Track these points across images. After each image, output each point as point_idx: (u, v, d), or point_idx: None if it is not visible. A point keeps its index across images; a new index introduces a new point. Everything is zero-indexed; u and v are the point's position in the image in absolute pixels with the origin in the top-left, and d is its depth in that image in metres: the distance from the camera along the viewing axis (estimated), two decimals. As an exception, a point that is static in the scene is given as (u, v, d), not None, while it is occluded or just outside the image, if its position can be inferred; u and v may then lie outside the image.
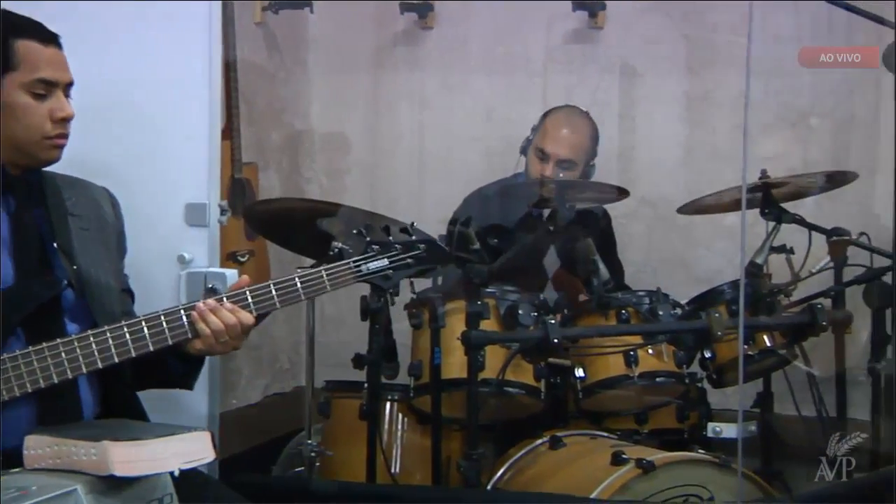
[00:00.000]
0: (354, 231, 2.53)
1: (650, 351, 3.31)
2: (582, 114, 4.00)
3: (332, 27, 4.68)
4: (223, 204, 3.01)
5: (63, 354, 2.25)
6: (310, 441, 3.31)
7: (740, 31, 4.04)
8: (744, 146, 3.01)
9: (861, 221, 3.80)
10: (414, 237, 2.55)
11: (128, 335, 2.29)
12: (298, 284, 2.41)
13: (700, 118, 4.46)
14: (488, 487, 3.17)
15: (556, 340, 3.07)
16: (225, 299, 2.37)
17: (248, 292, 2.39)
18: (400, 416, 3.45)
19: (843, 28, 4.08)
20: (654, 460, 2.85)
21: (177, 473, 2.12)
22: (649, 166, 4.53)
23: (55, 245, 2.42)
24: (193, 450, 2.17)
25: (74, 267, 2.42)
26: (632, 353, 3.27)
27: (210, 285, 2.93)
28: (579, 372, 3.31)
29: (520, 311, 3.24)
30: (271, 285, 2.39)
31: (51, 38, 2.40)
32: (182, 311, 2.35)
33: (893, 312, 3.47)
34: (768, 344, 3.46)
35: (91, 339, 2.27)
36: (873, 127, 4.08)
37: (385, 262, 2.49)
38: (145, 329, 2.30)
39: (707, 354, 3.44)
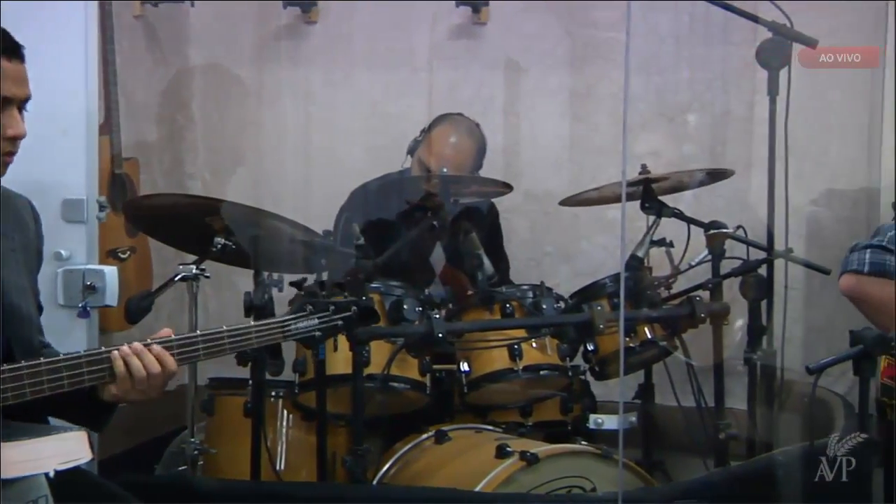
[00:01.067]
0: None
1: (534, 344, 3.35)
2: (470, 126, 3.99)
3: (214, 21, 4.61)
4: (102, 200, 2.96)
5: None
6: (193, 439, 3.27)
7: (621, 28, 4.12)
8: (623, 141, 3.05)
9: (738, 215, 3.89)
10: (347, 296, 2.53)
11: (44, 374, 2.17)
12: (226, 339, 2.36)
13: (583, 113, 4.51)
14: (374, 483, 3.17)
15: (440, 335, 3.09)
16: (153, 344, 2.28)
17: (174, 341, 2.31)
18: (285, 412, 3.43)
19: (721, 26, 4.18)
20: (538, 453, 2.89)
21: (52, 474, 2.07)
22: (534, 161, 4.57)
23: None
24: (71, 450, 2.12)
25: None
26: (516, 346, 3.29)
27: (89, 282, 2.88)
28: (464, 366, 3.33)
29: (405, 306, 3.24)
30: (199, 336, 2.34)
31: (14, 51, 2.28)
32: (103, 356, 2.24)
33: (768, 304, 3.56)
34: (649, 336, 3.52)
35: (6, 373, 2.15)
36: (748, 122, 4.16)
37: (315, 321, 2.48)
38: (63, 370, 2.19)
39: (590, 347, 3.48)
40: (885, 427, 2.69)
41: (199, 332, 2.35)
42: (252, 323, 2.42)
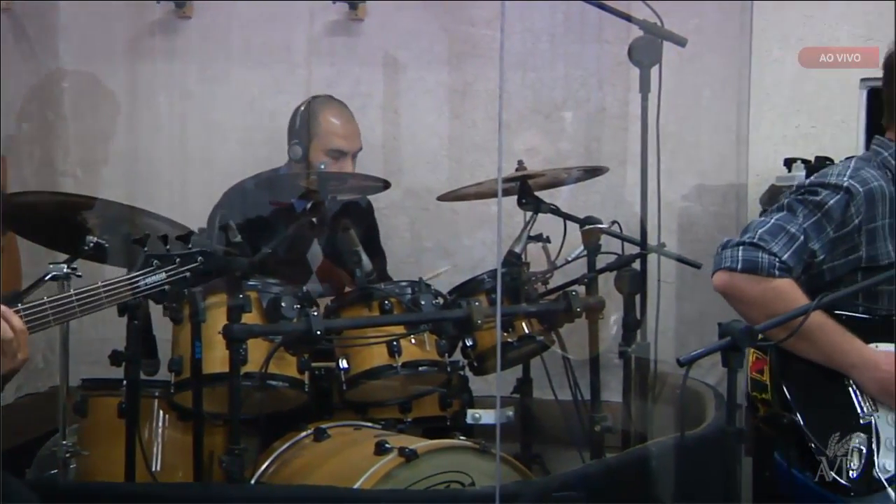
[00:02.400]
0: (133, 241, 2.47)
1: (412, 340, 3.34)
2: (340, 102, 4.04)
3: (85, 16, 4.51)
4: (-35, 198, 2.88)
5: None
6: (64, 442, 3.19)
7: (497, 25, 4.14)
8: (499, 138, 3.07)
9: (613, 210, 3.96)
10: (192, 247, 2.50)
11: None
12: (74, 301, 2.32)
13: (461, 110, 4.53)
14: (252, 482, 3.14)
15: (318, 332, 3.08)
16: None
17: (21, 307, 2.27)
18: (160, 412, 3.37)
19: (595, 24, 4.24)
20: (417, 448, 2.90)
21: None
22: (413, 158, 4.57)
23: None
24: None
25: None
26: (395, 343, 3.29)
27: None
28: (343, 363, 3.31)
29: (283, 304, 3.21)
30: (46, 301, 2.29)
31: None
32: None
33: (642, 298, 3.63)
34: (526, 331, 3.55)
35: None
36: (623, 119, 4.23)
37: (163, 275, 2.45)
38: None
39: (468, 342, 3.50)
40: (754, 419, 2.75)
41: (45, 297, 2.31)
42: (100, 282, 2.37)
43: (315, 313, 3.16)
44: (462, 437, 3.21)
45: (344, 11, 4.46)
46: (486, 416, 3.19)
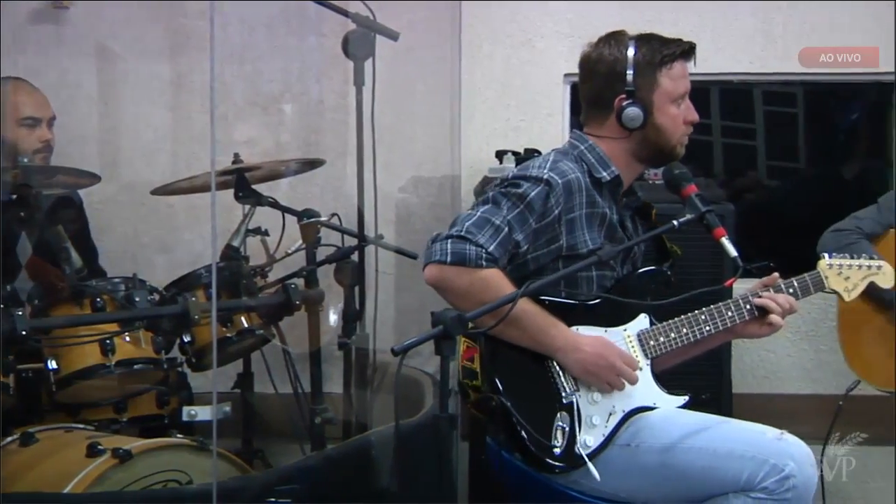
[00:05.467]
0: None
1: (127, 338, 3.26)
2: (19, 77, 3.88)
3: None
4: None
5: None
6: None
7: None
8: (211, 130, 3.04)
9: (333, 202, 3.98)
10: None
11: None
12: None
13: (176, 103, 4.43)
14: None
15: (24, 332, 2.95)
16: None
17: None
18: None
19: (312, 17, 4.23)
20: (131, 448, 2.83)
21: None
22: (130, 151, 4.44)
23: None
24: None
25: None
26: (108, 341, 3.20)
27: None
28: (52, 364, 3.19)
29: (-17, 304, 3.07)
30: None
31: None
32: None
33: (361, 289, 3.67)
34: (246, 325, 3.53)
35: None
36: (342, 112, 4.26)
37: None
38: None
39: (186, 339, 3.44)
40: (466, 405, 2.83)
41: None
42: None
43: (20, 312, 3.02)
44: (180, 436, 3.16)
45: (47, -2, 4.28)
46: (203, 413, 3.15)
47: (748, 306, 2.86)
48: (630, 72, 2.85)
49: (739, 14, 4.27)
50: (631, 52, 2.86)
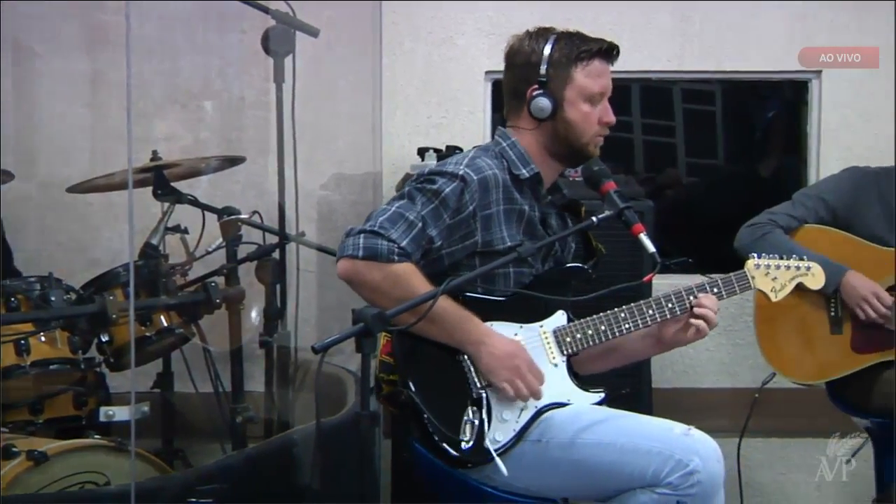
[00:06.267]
0: None
1: (42, 338, 3.23)
2: None
3: None
4: None
5: None
6: None
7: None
8: (128, 126, 3.00)
9: (254, 200, 3.95)
10: None
11: None
12: None
13: (95, 99, 4.37)
14: None
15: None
16: None
17: None
18: None
19: (233, 14, 4.20)
20: (47, 450, 2.80)
21: None
22: (46, 148, 4.38)
23: None
24: None
25: None
26: (22, 341, 3.16)
27: None
28: (-36, 365, 3.14)
29: None
30: None
31: None
32: None
33: (282, 287, 3.65)
34: (165, 324, 3.50)
35: None
36: (263, 108, 4.23)
37: None
38: None
39: (104, 338, 3.41)
40: (383, 400, 2.82)
41: None
42: None
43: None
44: (97, 436, 3.13)
45: (-45, -10, 4.20)
46: (120, 413, 3.13)
47: (669, 304, 2.88)
48: (544, 65, 2.86)
49: (658, 12, 4.32)
50: (549, 45, 2.87)
